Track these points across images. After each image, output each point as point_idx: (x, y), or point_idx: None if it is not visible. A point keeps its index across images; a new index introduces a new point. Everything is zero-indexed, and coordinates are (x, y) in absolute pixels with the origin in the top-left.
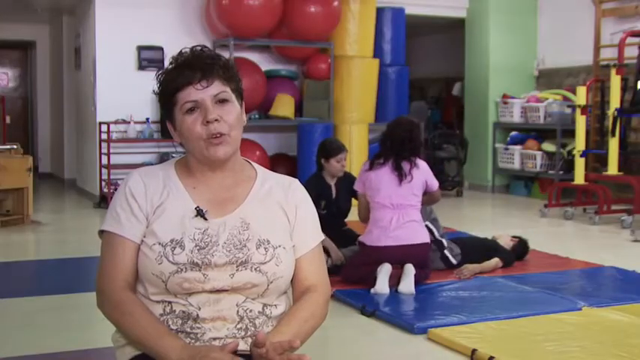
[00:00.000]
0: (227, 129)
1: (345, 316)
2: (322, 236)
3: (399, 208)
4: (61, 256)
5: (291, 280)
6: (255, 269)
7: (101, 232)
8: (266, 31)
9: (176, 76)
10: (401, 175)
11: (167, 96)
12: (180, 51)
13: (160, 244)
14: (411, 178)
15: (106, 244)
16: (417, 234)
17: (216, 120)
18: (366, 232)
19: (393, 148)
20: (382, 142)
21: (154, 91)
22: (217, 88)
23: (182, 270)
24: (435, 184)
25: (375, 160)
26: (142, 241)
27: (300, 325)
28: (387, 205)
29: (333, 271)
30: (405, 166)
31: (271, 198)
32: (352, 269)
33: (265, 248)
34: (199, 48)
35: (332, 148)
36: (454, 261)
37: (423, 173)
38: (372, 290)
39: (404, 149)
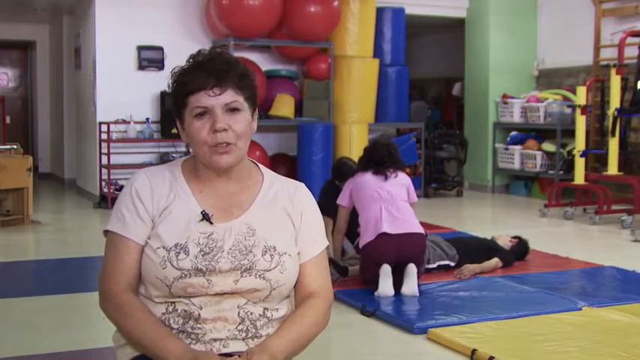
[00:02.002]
0: (234, 139)
1: (345, 316)
2: (327, 242)
3: (387, 198)
4: (60, 256)
5: (294, 285)
6: (260, 276)
7: (106, 232)
8: (266, 31)
9: (190, 79)
10: (385, 175)
11: (179, 97)
12: (199, 50)
13: (164, 248)
14: (396, 175)
15: (110, 244)
16: (412, 224)
17: (224, 129)
18: (361, 237)
19: (371, 161)
20: (360, 159)
21: (168, 86)
22: (229, 96)
23: (186, 275)
24: (414, 196)
25: (355, 171)
26: (147, 243)
27: (302, 332)
28: (374, 196)
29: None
30: (388, 170)
31: (277, 204)
32: (368, 272)
33: (271, 255)
34: (219, 51)
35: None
36: (452, 264)
37: (405, 179)
38: (376, 293)
39: (384, 161)
